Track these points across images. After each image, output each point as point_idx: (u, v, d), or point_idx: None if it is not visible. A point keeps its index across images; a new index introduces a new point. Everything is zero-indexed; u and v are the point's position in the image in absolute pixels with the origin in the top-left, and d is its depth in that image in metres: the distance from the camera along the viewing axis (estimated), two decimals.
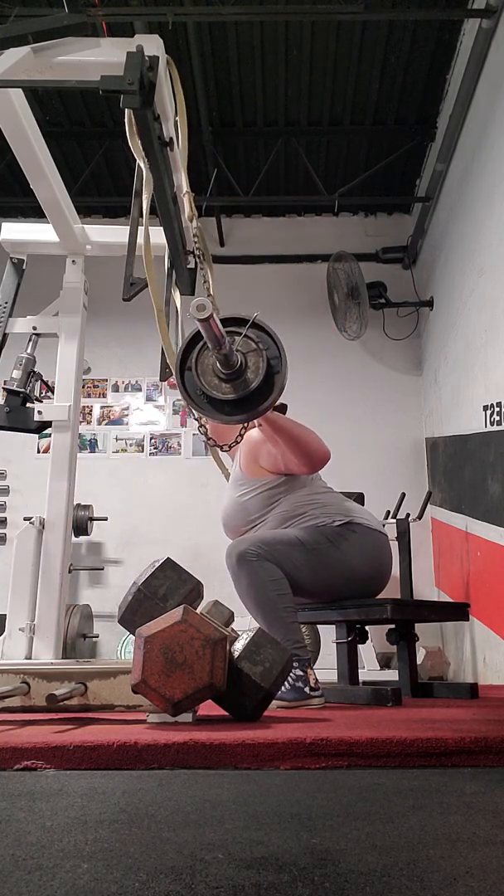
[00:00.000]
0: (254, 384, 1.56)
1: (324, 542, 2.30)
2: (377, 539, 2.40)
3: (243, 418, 1.64)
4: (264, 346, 1.58)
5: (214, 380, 1.59)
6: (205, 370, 1.59)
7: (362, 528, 2.36)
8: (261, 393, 1.58)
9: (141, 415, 5.90)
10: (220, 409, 1.61)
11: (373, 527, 2.40)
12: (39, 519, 2.33)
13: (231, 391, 1.58)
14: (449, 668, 5.01)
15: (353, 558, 2.33)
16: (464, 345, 4.58)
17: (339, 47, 4.64)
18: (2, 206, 5.79)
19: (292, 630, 2.21)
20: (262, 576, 2.21)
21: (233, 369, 1.55)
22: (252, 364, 1.57)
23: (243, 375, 1.57)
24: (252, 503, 2.41)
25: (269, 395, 1.59)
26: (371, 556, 2.37)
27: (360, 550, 2.33)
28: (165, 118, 1.98)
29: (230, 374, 1.56)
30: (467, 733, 1.25)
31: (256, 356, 1.58)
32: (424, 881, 0.62)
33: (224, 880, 0.62)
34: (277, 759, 1.20)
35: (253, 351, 1.58)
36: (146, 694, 1.55)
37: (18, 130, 2.08)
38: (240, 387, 1.57)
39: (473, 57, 4.08)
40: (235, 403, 1.59)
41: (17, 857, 0.70)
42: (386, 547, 2.43)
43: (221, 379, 1.58)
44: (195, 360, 1.60)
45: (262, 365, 1.57)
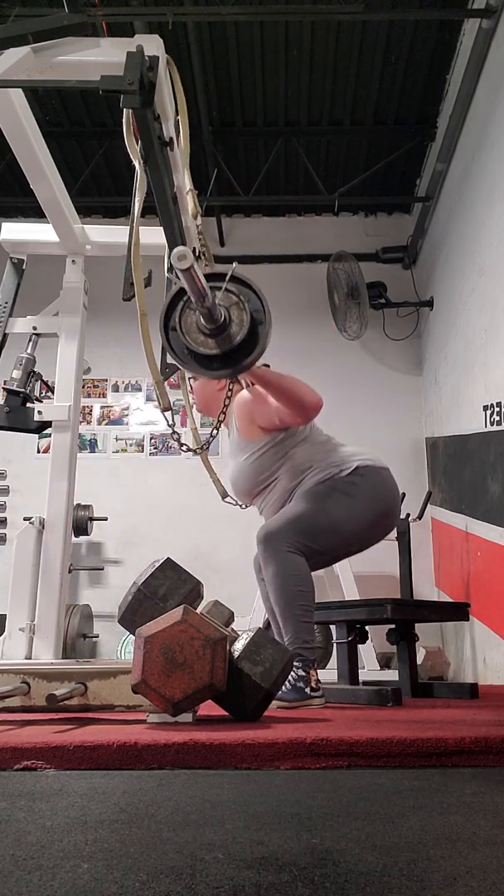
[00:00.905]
0: (239, 337, 1.55)
1: (340, 498, 2.32)
2: (384, 476, 2.44)
3: (231, 372, 1.63)
4: (246, 298, 1.58)
5: (200, 336, 1.58)
6: (189, 328, 1.58)
7: (369, 470, 2.39)
8: (246, 346, 1.57)
9: (141, 415, 5.90)
10: (208, 365, 1.60)
11: (377, 465, 2.43)
12: (39, 519, 2.33)
13: (216, 346, 1.57)
14: (449, 668, 5.01)
15: (369, 502, 2.36)
16: (464, 345, 4.58)
17: (339, 47, 4.64)
18: (2, 206, 5.78)
19: (303, 629, 2.22)
20: (289, 568, 2.23)
21: (217, 324, 1.54)
22: (236, 318, 1.56)
23: (227, 330, 1.56)
24: (258, 464, 2.42)
25: (255, 348, 1.58)
26: (384, 493, 2.41)
27: (374, 493, 2.37)
28: (165, 118, 1.97)
29: (215, 330, 1.55)
30: (467, 733, 1.25)
31: (239, 310, 1.57)
32: (424, 881, 0.62)
33: (224, 880, 0.62)
34: (277, 759, 1.20)
35: (235, 304, 1.57)
36: (146, 694, 1.55)
37: (18, 130, 2.08)
38: (225, 341, 1.56)
39: (473, 57, 4.07)
40: (222, 358, 1.59)
41: (17, 857, 0.70)
42: (392, 480, 2.46)
43: (206, 335, 1.57)
44: (179, 319, 1.59)
45: (245, 318, 1.56)
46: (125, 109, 1.81)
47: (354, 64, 4.76)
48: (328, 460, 2.40)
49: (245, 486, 2.48)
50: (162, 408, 2.04)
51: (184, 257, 1.31)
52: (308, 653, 2.22)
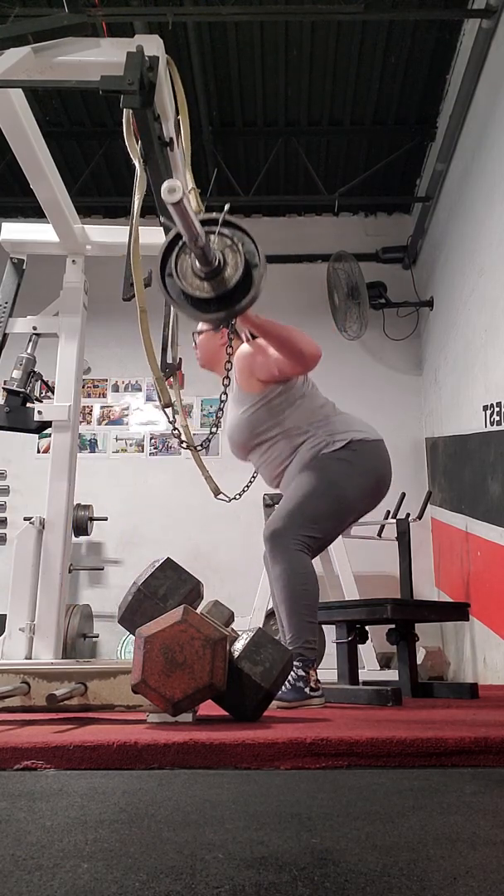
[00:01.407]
0: (234, 280, 1.56)
1: (335, 477, 2.34)
2: (376, 449, 2.44)
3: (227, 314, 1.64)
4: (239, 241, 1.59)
5: (196, 280, 1.59)
6: (185, 272, 1.59)
7: (361, 445, 2.39)
8: (242, 288, 1.59)
9: (141, 415, 5.90)
10: (205, 308, 1.61)
11: (370, 437, 2.43)
12: (39, 519, 2.33)
13: (212, 289, 1.58)
14: (449, 668, 5.01)
15: (362, 477, 2.37)
16: (464, 345, 4.58)
17: (339, 47, 4.65)
18: (2, 206, 5.78)
19: (306, 629, 2.23)
20: (295, 567, 2.25)
21: (211, 267, 1.55)
22: (230, 261, 1.58)
23: (222, 273, 1.57)
24: (256, 417, 2.41)
25: (251, 289, 1.59)
26: (375, 466, 2.42)
27: (365, 467, 2.38)
28: (165, 118, 1.98)
29: (209, 273, 1.56)
30: (467, 733, 1.25)
31: (233, 253, 1.58)
32: (424, 881, 0.62)
33: (224, 880, 0.62)
34: (277, 759, 1.20)
35: (229, 247, 1.58)
36: (146, 694, 1.55)
37: (18, 130, 2.08)
38: (220, 284, 1.57)
39: (473, 57, 4.08)
40: (218, 301, 1.60)
41: (17, 857, 0.70)
42: (384, 452, 2.47)
43: (202, 278, 1.58)
44: (175, 265, 1.60)
45: (239, 261, 1.57)
46: (125, 109, 1.82)
47: (354, 64, 4.76)
48: (323, 429, 2.41)
49: (240, 438, 2.48)
50: (163, 404, 2.05)
51: (173, 190, 1.30)
52: (309, 653, 2.22)
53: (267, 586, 4.17)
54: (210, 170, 5.34)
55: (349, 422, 2.47)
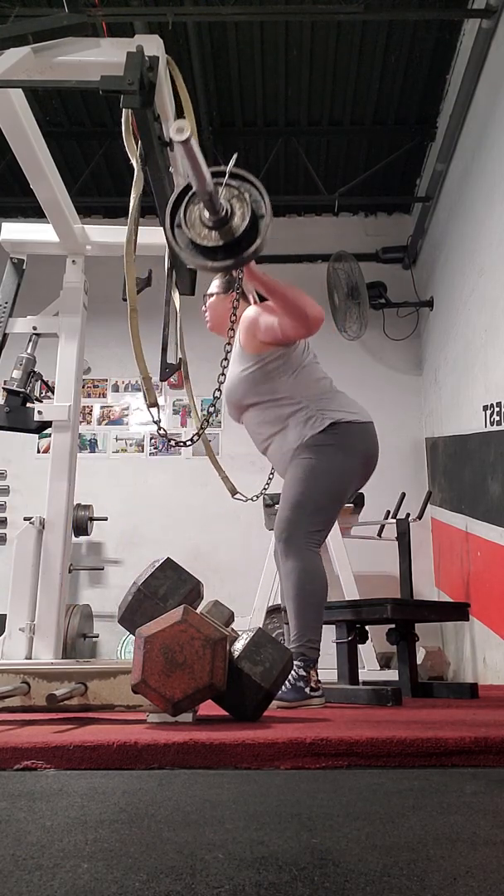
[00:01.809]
0: (241, 229, 1.59)
1: (325, 463, 2.37)
2: (363, 431, 2.45)
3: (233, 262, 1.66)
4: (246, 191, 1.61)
5: (203, 230, 1.61)
6: (193, 222, 1.62)
7: (347, 426, 2.41)
8: (249, 237, 1.61)
9: (141, 415, 5.90)
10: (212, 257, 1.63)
11: (358, 420, 2.45)
12: (39, 519, 2.33)
13: (219, 238, 1.60)
14: (449, 668, 5.01)
15: (348, 459, 2.40)
16: (464, 345, 4.58)
17: (339, 47, 4.64)
18: (2, 206, 5.78)
19: (311, 629, 2.25)
20: (308, 566, 2.28)
21: (219, 216, 1.57)
22: (237, 210, 1.60)
23: (230, 222, 1.59)
24: (253, 377, 2.43)
25: (257, 238, 1.61)
26: (361, 449, 2.44)
27: (351, 449, 2.41)
28: (165, 118, 1.98)
29: (217, 222, 1.58)
30: (467, 733, 1.25)
31: (240, 202, 1.60)
32: (424, 881, 0.62)
33: (224, 880, 0.62)
34: (277, 759, 1.20)
35: (236, 198, 1.61)
36: (146, 694, 1.55)
37: (18, 130, 2.08)
38: (227, 233, 1.60)
39: (473, 57, 4.07)
40: (225, 249, 1.62)
41: (17, 857, 0.70)
42: (372, 435, 2.48)
43: (209, 228, 1.60)
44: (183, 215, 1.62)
45: (246, 210, 1.59)
46: (125, 109, 1.82)
47: (354, 64, 4.76)
48: (315, 404, 2.42)
49: (234, 396, 2.50)
50: (148, 403, 2.06)
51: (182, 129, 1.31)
52: (312, 652, 2.23)
53: (267, 586, 4.18)
54: None
55: (341, 402, 2.48)
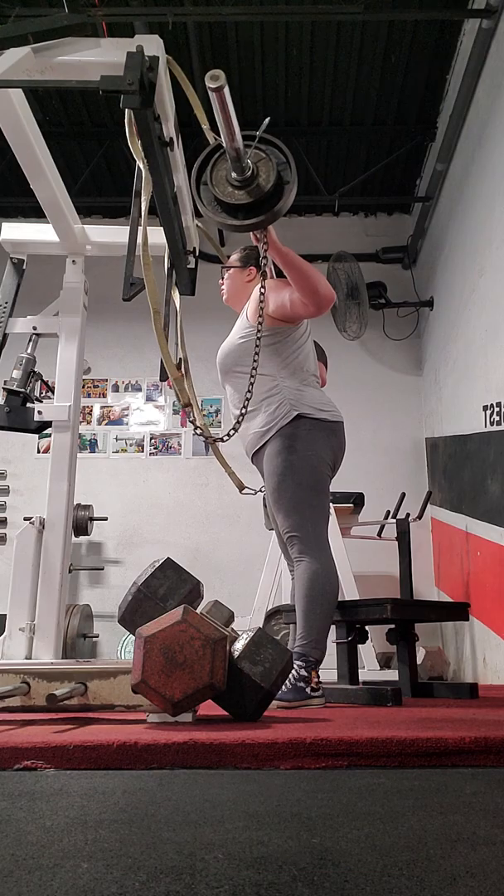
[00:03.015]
0: (267, 188, 1.60)
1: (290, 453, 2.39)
2: (327, 428, 2.45)
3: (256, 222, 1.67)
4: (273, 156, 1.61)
5: (228, 188, 1.63)
6: (219, 180, 1.63)
7: (312, 423, 2.42)
8: (273, 198, 1.62)
9: (141, 415, 5.90)
10: (234, 214, 1.65)
11: (322, 418, 2.45)
12: (39, 519, 2.33)
13: (245, 196, 1.61)
14: (449, 668, 5.01)
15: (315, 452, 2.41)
16: (464, 345, 4.58)
17: (339, 47, 4.65)
18: (2, 206, 5.79)
19: (318, 630, 2.26)
20: (321, 567, 2.30)
21: (245, 175, 1.57)
22: (263, 171, 1.61)
23: (255, 181, 1.60)
24: (245, 347, 2.45)
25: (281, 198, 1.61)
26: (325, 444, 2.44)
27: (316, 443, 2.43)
28: (165, 118, 1.97)
29: (243, 181, 1.59)
30: (467, 733, 1.25)
31: (266, 164, 1.61)
32: (424, 881, 0.62)
33: (224, 880, 0.62)
34: (277, 759, 1.20)
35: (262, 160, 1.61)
36: (146, 694, 1.55)
37: (18, 130, 2.08)
38: (253, 192, 1.62)
39: (473, 57, 4.08)
40: (248, 208, 1.62)
41: (17, 856, 0.70)
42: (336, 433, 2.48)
43: (235, 187, 1.61)
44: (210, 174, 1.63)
45: (272, 172, 1.61)
46: (127, 111, 1.81)
47: (354, 64, 4.76)
48: (290, 391, 2.44)
49: (224, 360, 2.53)
50: (182, 404, 2.07)
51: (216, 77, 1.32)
52: (316, 654, 2.23)
53: (267, 586, 4.17)
54: None
55: (314, 397, 2.48)
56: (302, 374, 2.49)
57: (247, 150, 1.59)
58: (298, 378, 2.47)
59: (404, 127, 5.36)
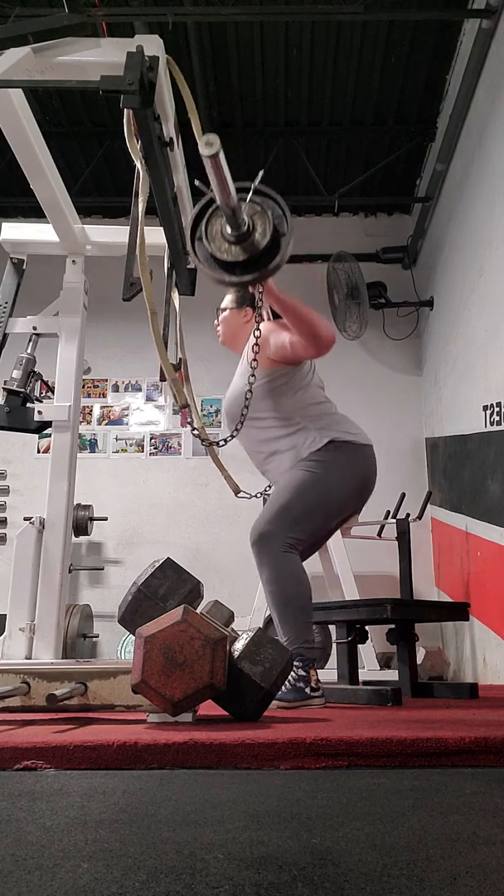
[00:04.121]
0: (262, 245, 1.59)
1: (316, 477, 2.34)
2: (359, 454, 2.43)
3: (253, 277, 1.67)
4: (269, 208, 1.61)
5: (224, 244, 1.61)
6: (214, 236, 1.62)
7: (346, 446, 2.40)
8: (269, 253, 1.61)
9: (141, 415, 5.90)
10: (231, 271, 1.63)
11: (357, 441, 2.43)
12: (39, 519, 2.33)
13: (241, 253, 1.60)
14: (449, 668, 5.01)
15: (344, 478, 2.37)
16: (464, 345, 4.58)
17: (339, 47, 4.64)
18: (2, 206, 5.79)
19: (304, 629, 2.23)
20: (285, 569, 2.25)
21: (241, 231, 1.57)
22: (259, 226, 1.60)
23: (251, 237, 1.60)
24: (256, 392, 2.42)
25: (278, 254, 1.61)
26: (360, 470, 2.42)
27: (347, 471, 2.38)
28: (165, 118, 1.97)
29: (239, 236, 1.58)
30: (467, 733, 1.25)
31: (262, 218, 1.61)
32: (424, 881, 0.62)
33: (224, 880, 0.62)
34: (277, 759, 1.20)
35: (258, 214, 1.61)
36: (146, 694, 1.55)
37: (18, 130, 2.08)
38: (249, 248, 1.60)
39: (473, 57, 4.08)
40: (245, 264, 1.62)
41: (17, 856, 0.70)
42: (371, 458, 2.46)
43: (231, 242, 1.60)
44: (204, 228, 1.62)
45: (268, 227, 1.60)
46: (126, 111, 1.81)
47: (354, 64, 4.76)
48: (315, 423, 2.41)
49: (234, 408, 2.49)
50: (179, 405, 2.06)
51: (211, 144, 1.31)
52: (309, 652, 2.22)
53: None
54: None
55: (341, 422, 2.47)
56: (319, 407, 2.46)
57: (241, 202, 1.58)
58: (316, 409, 2.45)
59: (404, 127, 5.36)
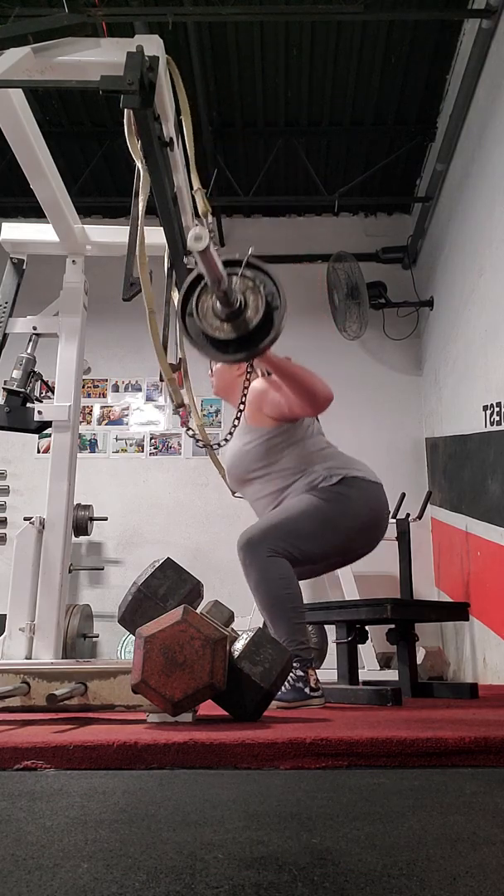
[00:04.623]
0: (254, 322, 1.57)
1: (324, 505, 2.32)
2: (372, 490, 2.42)
3: (246, 356, 1.65)
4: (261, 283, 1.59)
5: (216, 321, 1.59)
6: (205, 313, 1.60)
7: (356, 482, 2.38)
8: (262, 330, 1.59)
9: (141, 415, 5.90)
10: (224, 349, 1.61)
11: (368, 478, 2.42)
12: (39, 519, 2.33)
13: (232, 331, 1.58)
14: (449, 668, 5.01)
15: (352, 514, 2.35)
16: (464, 345, 4.58)
17: (339, 47, 4.64)
18: (2, 206, 5.79)
19: (297, 630, 2.22)
20: (273, 572, 2.22)
21: (233, 308, 1.55)
22: (251, 302, 1.58)
23: (243, 314, 1.58)
24: (256, 451, 2.42)
25: (270, 332, 1.59)
26: (368, 506, 2.40)
27: (357, 505, 2.36)
28: (165, 118, 1.97)
29: (230, 314, 1.56)
30: (467, 733, 1.25)
31: (255, 294, 1.58)
32: (424, 881, 0.62)
33: (224, 880, 0.62)
34: (277, 759, 1.20)
35: (251, 289, 1.59)
36: (146, 694, 1.55)
37: (18, 130, 2.08)
38: (241, 326, 1.58)
39: (473, 57, 4.08)
40: (238, 342, 1.60)
41: (17, 856, 0.70)
42: (381, 495, 2.45)
43: (222, 319, 1.58)
44: (195, 305, 1.60)
45: (260, 303, 1.58)
46: (126, 110, 1.82)
47: (354, 64, 4.76)
48: (321, 465, 2.40)
49: (238, 471, 2.48)
50: (175, 405, 2.06)
51: (200, 238, 1.31)
52: (304, 653, 2.22)
53: None
54: (210, 170, 5.34)
55: (350, 461, 2.46)
56: (324, 452, 2.45)
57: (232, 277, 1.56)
58: (321, 454, 2.43)
59: (404, 127, 5.36)
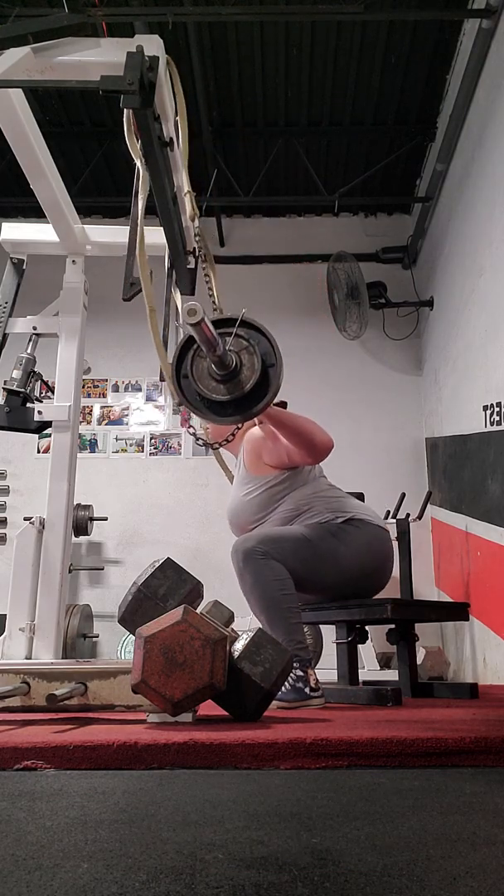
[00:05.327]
0: (250, 383, 1.56)
1: (328, 538, 2.31)
2: (379, 534, 2.41)
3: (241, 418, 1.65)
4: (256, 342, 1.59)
5: (211, 383, 1.59)
6: (201, 374, 1.60)
7: (364, 524, 2.38)
8: (258, 390, 1.59)
9: (141, 415, 5.90)
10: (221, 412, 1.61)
11: (375, 522, 2.42)
12: (39, 519, 2.33)
13: (227, 392, 1.58)
14: (449, 668, 5.01)
15: (356, 553, 2.33)
16: (464, 345, 4.58)
17: (339, 47, 4.65)
18: (2, 206, 5.79)
19: (295, 630, 2.22)
20: (268, 575, 2.22)
21: (228, 370, 1.55)
22: (247, 362, 1.58)
23: (239, 375, 1.57)
24: (257, 500, 2.42)
25: (267, 392, 1.59)
26: (374, 550, 2.38)
27: (363, 545, 2.34)
28: (165, 118, 1.97)
29: (226, 375, 1.56)
30: (467, 733, 1.25)
31: (250, 354, 1.58)
32: (424, 881, 0.62)
33: (224, 880, 0.62)
34: (277, 759, 1.20)
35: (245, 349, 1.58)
36: (146, 694, 1.55)
37: (18, 130, 2.08)
38: (236, 387, 1.57)
39: (473, 57, 4.08)
40: (234, 404, 1.60)
41: (17, 857, 0.70)
42: (388, 542, 2.44)
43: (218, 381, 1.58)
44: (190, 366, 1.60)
45: (256, 362, 1.57)
46: (125, 109, 1.82)
47: (354, 64, 4.76)
48: (327, 505, 2.39)
49: (240, 520, 2.49)
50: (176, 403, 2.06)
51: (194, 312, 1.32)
52: (303, 653, 2.22)
53: None
54: (210, 170, 5.34)
55: (357, 505, 2.45)
56: (328, 492, 2.43)
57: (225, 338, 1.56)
58: (324, 494, 2.42)
59: (404, 127, 5.36)
